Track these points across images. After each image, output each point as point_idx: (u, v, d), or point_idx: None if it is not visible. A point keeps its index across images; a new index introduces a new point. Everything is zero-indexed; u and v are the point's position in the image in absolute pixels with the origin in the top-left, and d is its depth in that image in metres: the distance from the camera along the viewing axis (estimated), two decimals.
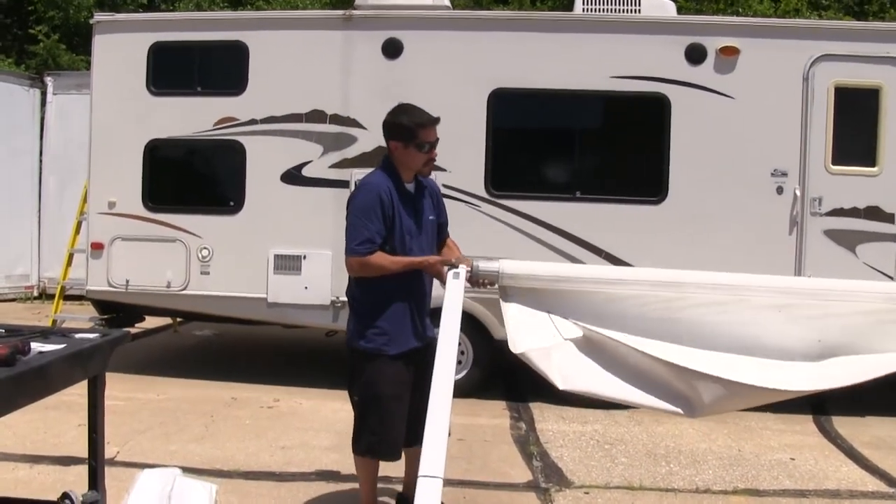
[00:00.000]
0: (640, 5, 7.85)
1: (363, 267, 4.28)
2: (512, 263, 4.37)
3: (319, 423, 6.81)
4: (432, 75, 7.47)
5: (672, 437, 6.69)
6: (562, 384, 4.12)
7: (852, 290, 4.33)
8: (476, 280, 4.17)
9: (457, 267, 4.18)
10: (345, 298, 7.43)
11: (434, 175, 7.14)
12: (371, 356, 4.35)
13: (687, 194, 7.53)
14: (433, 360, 4.52)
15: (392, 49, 7.55)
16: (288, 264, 7.68)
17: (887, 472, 6.02)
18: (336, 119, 7.58)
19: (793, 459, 6.22)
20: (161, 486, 4.45)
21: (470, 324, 7.26)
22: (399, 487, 4.96)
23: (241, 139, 7.77)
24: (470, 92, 7.39)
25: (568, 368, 4.13)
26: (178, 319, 10.17)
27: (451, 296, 4.01)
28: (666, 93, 7.50)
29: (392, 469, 4.75)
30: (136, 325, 9.00)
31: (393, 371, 4.34)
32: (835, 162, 7.51)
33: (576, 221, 7.52)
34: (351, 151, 7.58)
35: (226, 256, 7.84)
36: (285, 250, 7.69)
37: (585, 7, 7.88)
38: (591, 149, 7.80)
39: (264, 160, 7.75)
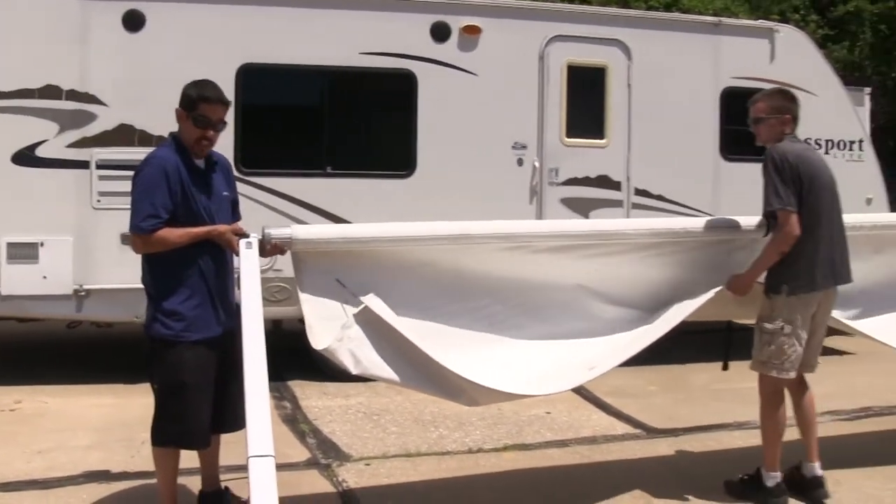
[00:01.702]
0: None
1: (148, 244, 4.10)
2: (304, 228, 4.39)
3: (73, 421, 6.35)
4: (177, 49, 7.10)
5: (434, 402, 6.83)
6: (354, 369, 4.21)
7: (621, 230, 4.94)
8: (268, 248, 4.10)
9: (248, 236, 4.11)
10: (90, 287, 7.13)
11: None
12: (170, 343, 4.16)
13: (434, 167, 7.76)
14: (237, 347, 4.43)
15: (133, 21, 7.08)
16: (23, 253, 7.02)
17: (632, 416, 6.62)
18: (73, 95, 7.01)
19: (549, 413, 6.63)
20: None
21: None
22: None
23: None
24: (217, 67, 7.05)
25: (359, 354, 4.21)
26: None
27: (248, 266, 3.95)
28: (413, 69, 7.68)
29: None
30: None
31: (194, 357, 4.18)
32: (569, 135, 8.07)
33: (328, 197, 7.53)
34: (91, 129, 7.04)
35: None
36: (19, 237, 6.99)
37: None
38: (342, 124, 7.77)
39: None
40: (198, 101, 4.19)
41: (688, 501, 4.86)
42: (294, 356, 7.11)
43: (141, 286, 6.85)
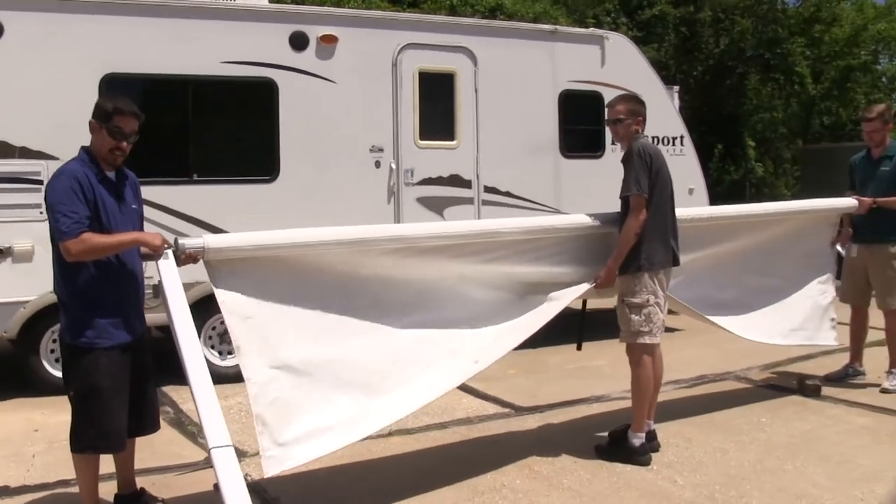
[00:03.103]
0: None
1: (84, 248, 4.17)
2: (216, 237, 4.63)
3: None
4: (39, 59, 7.06)
5: None
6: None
7: (496, 229, 5.44)
8: (182, 257, 4.33)
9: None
10: None
11: (45, 164, 7.00)
12: (84, 350, 4.31)
13: (297, 172, 8.02)
14: (148, 351, 4.66)
15: None
16: None
17: (499, 398, 7.14)
18: None
19: None
20: None
21: None
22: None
23: None
24: (81, 77, 7.13)
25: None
26: None
27: (169, 275, 4.22)
28: (274, 77, 7.90)
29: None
30: None
31: (108, 363, 4.34)
32: (422, 137, 8.52)
33: (195, 203, 7.63)
34: None
35: None
36: None
37: None
38: (206, 132, 7.86)
39: None
40: (113, 113, 4.37)
41: (565, 466, 5.43)
42: (163, 361, 7.29)
43: (7, 301, 6.89)
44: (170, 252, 4.31)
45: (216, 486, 3.53)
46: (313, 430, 4.64)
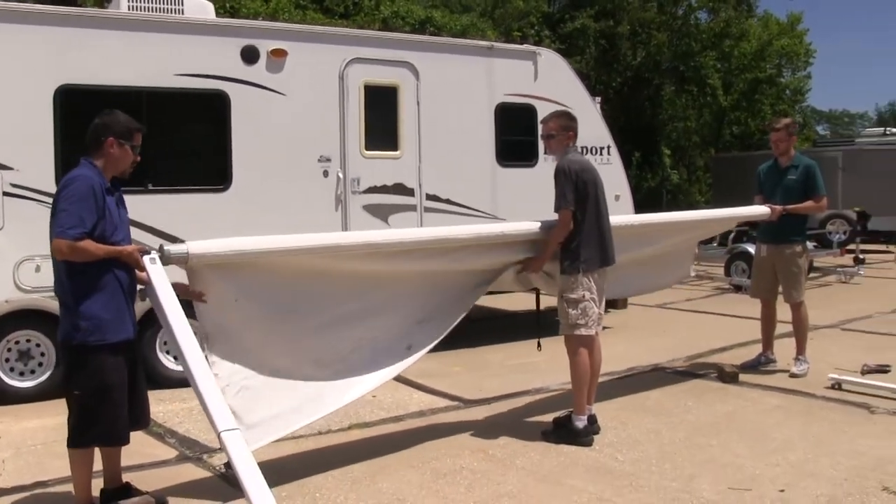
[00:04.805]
0: (182, 5, 8.50)
1: (73, 251, 4.44)
2: (199, 243, 4.94)
3: None
4: None
5: None
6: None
7: (449, 236, 5.99)
8: (167, 263, 4.68)
9: (150, 253, 4.68)
10: None
11: (1, 175, 7.23)
12: (92, 348, 4.54)
13: (248, 181, 8.37)
14: (140, 350, 4.98)
15: None
16: None
17: (447, 392, 7.62)
18: None
19: (375, 397, 7.34)
20: None
21: (48, 323, 7.21)
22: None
23: None
24: (36, 88, 7.37)
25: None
26: None
27: (158, 277, 4.58)
28: (225, 90, 8.24)
29: None
30: None
31: (114, 360, 4.61)
32: (367, 148, 8.97)
33: (149, 212, 7.84)
34: None
35: None
36: None
37: (130, 5, 8.29)
38: (161, 143, 7.92)
39: None
40: (134, 131, 4.80)
41: (517, 449, 5.92)
42: None
43: None
44: (157, 256, 4.66)
45: (227, 465, 3.89)
46: (277, 413, 5.08)
